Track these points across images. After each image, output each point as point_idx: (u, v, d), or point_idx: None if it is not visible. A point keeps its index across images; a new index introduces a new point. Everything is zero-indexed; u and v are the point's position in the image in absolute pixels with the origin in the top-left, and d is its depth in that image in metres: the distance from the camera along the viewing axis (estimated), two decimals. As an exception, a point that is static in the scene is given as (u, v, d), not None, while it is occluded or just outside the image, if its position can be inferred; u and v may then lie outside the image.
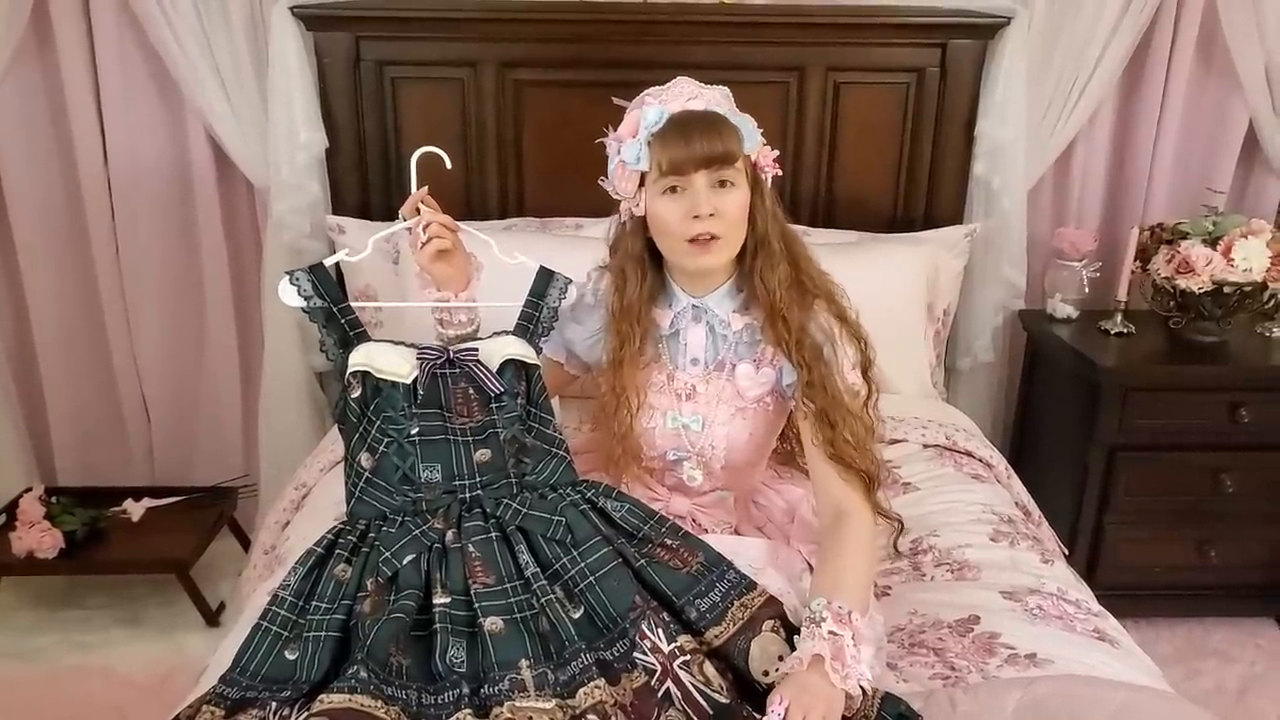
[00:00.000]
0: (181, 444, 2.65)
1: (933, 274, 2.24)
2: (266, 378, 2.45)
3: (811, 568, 1.37)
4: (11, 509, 2.34)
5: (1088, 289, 2.39)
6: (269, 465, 2.48)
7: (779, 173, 1.38)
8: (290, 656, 1.14)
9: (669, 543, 1.25)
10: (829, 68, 2.30)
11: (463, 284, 1.39)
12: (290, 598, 1.19)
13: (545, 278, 1.40)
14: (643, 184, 1.33)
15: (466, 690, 1.09)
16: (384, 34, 2.26)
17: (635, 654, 1.14)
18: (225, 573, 2.46)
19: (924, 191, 2.40)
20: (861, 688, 1.12)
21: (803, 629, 1.16)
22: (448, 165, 1.40)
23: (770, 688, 1.12)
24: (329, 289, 1.33)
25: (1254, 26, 2.28)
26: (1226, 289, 2.16)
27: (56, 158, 2.39)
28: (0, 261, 2.47)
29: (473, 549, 1.21)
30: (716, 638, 1.17)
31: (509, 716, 1.04)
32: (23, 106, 2.33)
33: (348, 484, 1.30)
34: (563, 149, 2.29)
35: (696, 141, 1.26)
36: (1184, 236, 2.20)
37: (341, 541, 1.25)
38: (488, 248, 1.43)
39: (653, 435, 1.45)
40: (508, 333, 1.36)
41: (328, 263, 1.40)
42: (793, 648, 1.16)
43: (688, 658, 1.13)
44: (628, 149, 1.31)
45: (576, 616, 1.17)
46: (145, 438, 2.64)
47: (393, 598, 1.17)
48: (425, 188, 1.38)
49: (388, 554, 1.21)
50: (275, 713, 1.08)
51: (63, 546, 2.25)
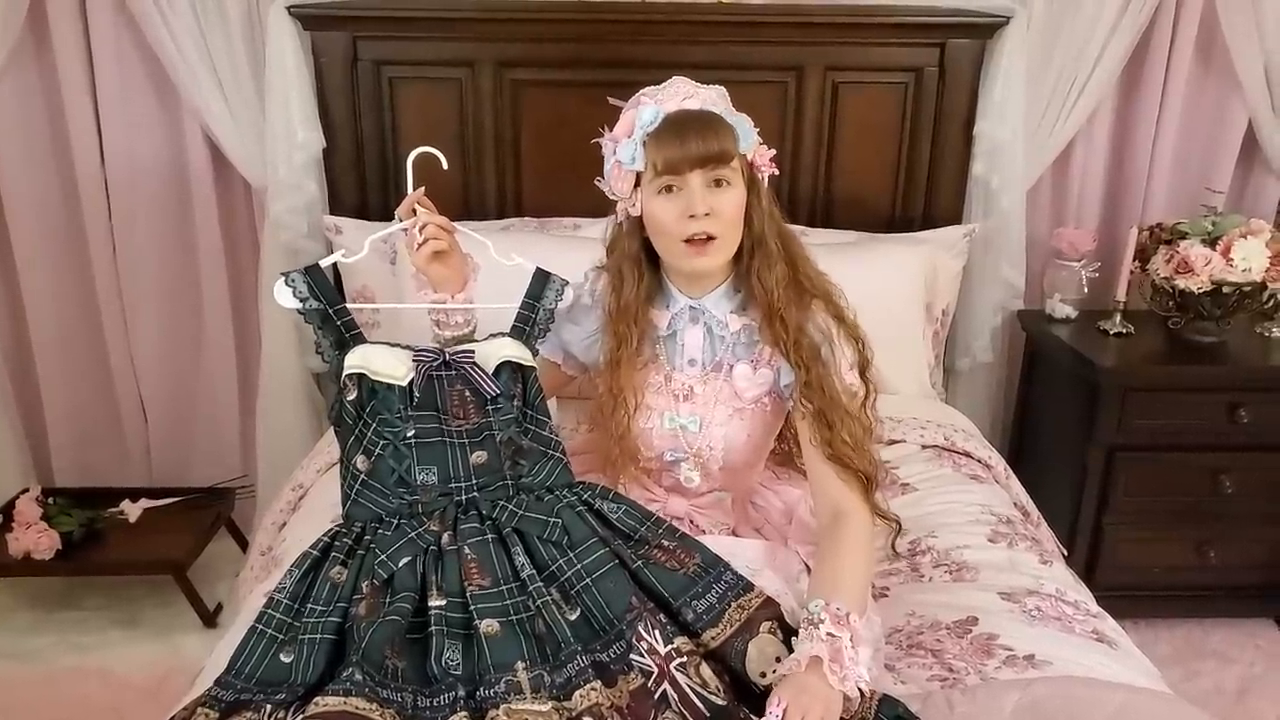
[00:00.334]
0: (179, 444, 2.64)
1: (931, 274, 2.24)
2: (264, 378, 2.45)
3: (809, 569, 1.37)
4: (8, 510, 2.34)
5: (1087, 289, 2.38)
6: (266, 466, 2.47)
7: (776, 172, 1.38)
8: (285, 659, 1.14)
9: (666, 544, 1.25)
10: (827, 67, 2.29)
11: (459, 285, 1.38)
12: (285, 600, 1.19)
13: (542, 279, 1.40)
14: (639, 184, 1.32)
15: (462, 693, 1.09)
16: (381, 34, 2.25)
17: (632, 656, 1.13)
18: (223, 574, 2.45)
19: (922, 191, 2.40)
20: (860, 689, 1.11)
21: (801, 630, 1.15)
22: (444, 165, 1.39)
23: (767, 689, 1.12)
24: (325, 291, 1.33)
25: (1253, 26, 2.28)
26: (1226, 289, 2.16)
27: (53, 157, 2.39)
28: (-3, 262, 2.48)
29: (469, 551, 1.21)
30: (713, 639, 1.16)
31: (505, 719, 1.03)
32: (19, 106, 2.33)
33: (343, 486, 1.30)
34: (560, 149, 2.29)
35: (692, 141, 1.25)
36: (1183, 236, 2.19)
37: (337, 544, 1.24)
38: (484, 249, 1.42)
39: (650, 436, 1.44)
40: (504, 334, 1.36)
41: (324, 264, 1.39)
42: (790, 649, 1.15)
43: (684, 659, 1.13)
44: (623, 149, 1.30)
45: (573, 618, 1.17)
46: (142, 438, 2.64)
47: (388, 600, 1.17)
48: (422, 188, 1.37)
49: (383, 556, 1.20)
50: (270, 715, 1.08)
51: (59, 547, 2.24)
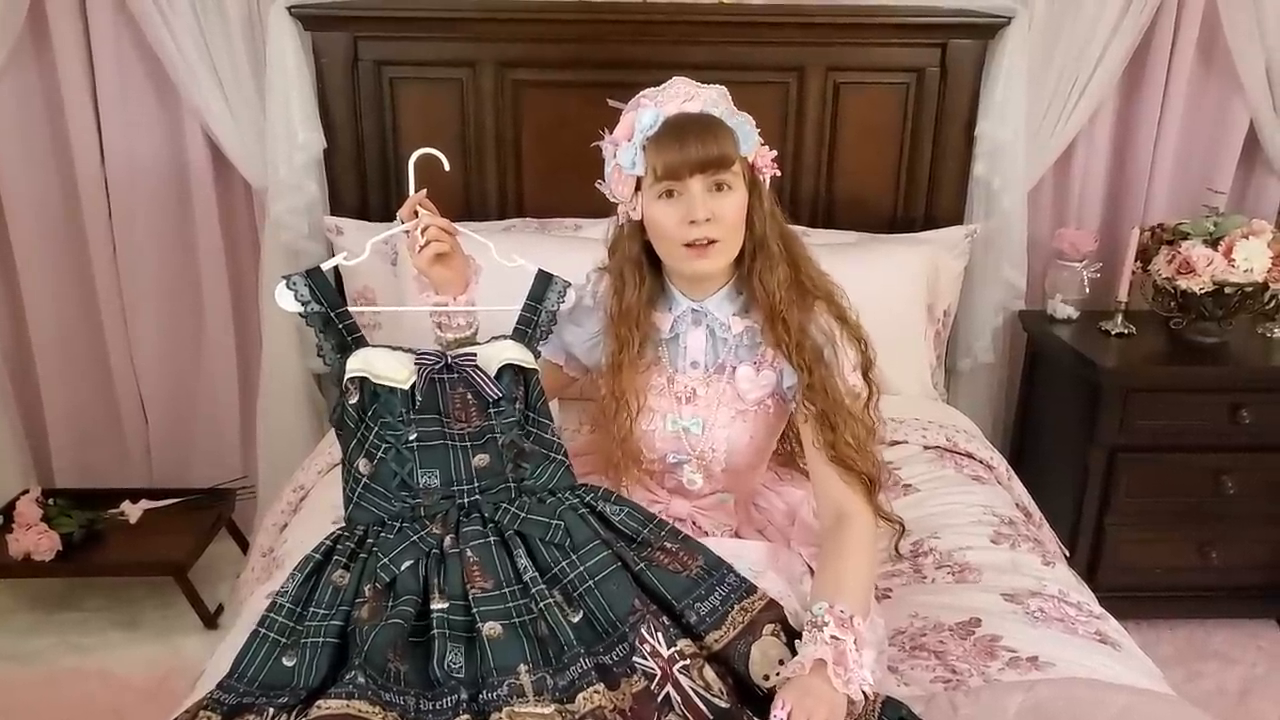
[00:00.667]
0: (179, 445, 2.64)
1: (933, 275, 2.23)
2: (264, 379, 2.44)
3: (812, 570, 1.37)
4: (8, 511, 2.33)
5: (1088, 290, 2.38)
6: (267, 467, 2.47)
7: (777, 173, 1.37)
8: (288, 663, 1.14)
9: (668, 546, 1.25)
10: (829, 68, 2.29)
11: (461, 287, 1.38)
12: (288, 604, 1.19)
13: (544, 281, 1.40)
14: (639, 188, 1.32)
15: (465, 696, 1.09)
16: (382, 34, 2.25)
17: (635, 658, 1.13)
18: (223, 575, 2.45)
19: (924, 192, 2.39)
20: (864, 692, 1.11)
21: (804, 633, 1.15)
22: (446, 167, 1.39)
23: (770, 692, 1.12)
24: (326, 294, 1.33)
25: (1255, 26, 2.28)
26: (1227, 289, 2.16)
27: (53, 157, 2.39)
28: (-3, 262, 2.47)
29: (471, 554, 1.20)
30: (716, 642, 1.16)
31: (508, 722, 1.03)
32: (19, 106, 2.33)
33: (346, 489, 1.30)
34: (561, 149, 2.28)
35: (691, 145, 1.25)
36: (1185, 237, 2.19)
37: (339, 547, 1.24)
38: (486, 250, 1.42)
39: (653, 438, 1.44)
40: (506, 337, 1.35)
41: (325, 267, 1.38)
42: (793, 652, 1.15)
43: (687, 662, 1.13)
44: (623, 153, 1.30)
45: (575, 621, 1.17)
46: (143, 439, 2.63)
47: (391, 603, 1.17)
48: (423, 190, 1.36)
49: (386, 560, 1.20)
50: (272, 719, 1.08)
51: (60, 548, 2.24)
